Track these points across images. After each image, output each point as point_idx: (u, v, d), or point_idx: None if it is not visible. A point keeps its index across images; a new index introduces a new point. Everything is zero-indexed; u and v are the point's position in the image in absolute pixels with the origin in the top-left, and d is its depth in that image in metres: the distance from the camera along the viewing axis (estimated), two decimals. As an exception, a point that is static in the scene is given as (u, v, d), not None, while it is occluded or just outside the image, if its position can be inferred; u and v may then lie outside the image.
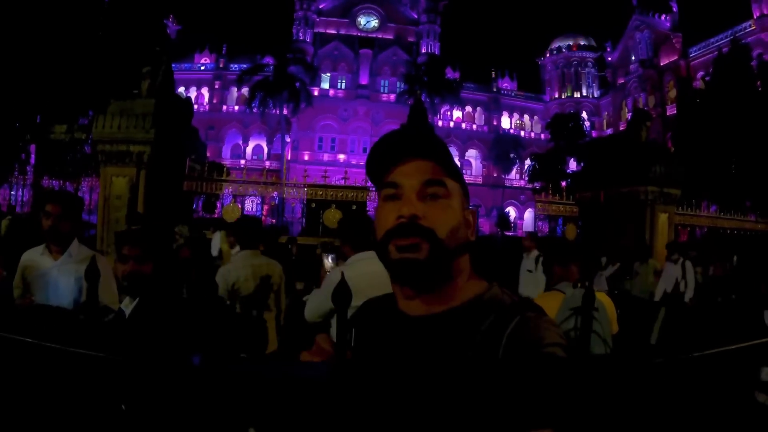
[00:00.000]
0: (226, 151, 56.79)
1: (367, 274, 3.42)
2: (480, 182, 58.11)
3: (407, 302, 1.12)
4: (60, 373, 1.97)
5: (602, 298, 3.30)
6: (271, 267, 4.93)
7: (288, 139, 51.57)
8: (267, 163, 49.81)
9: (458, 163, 1.21)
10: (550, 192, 15.58)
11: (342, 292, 1.25)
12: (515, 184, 59.58)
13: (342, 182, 14.01)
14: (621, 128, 54.38)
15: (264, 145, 57.92)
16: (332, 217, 13.19)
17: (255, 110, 46.87)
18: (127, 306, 2.67)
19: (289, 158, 51.46)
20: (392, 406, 1.03)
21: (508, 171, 59.33)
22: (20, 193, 14.49)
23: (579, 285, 3.25)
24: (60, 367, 1.97)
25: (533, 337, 0.98)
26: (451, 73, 56.28)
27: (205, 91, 59.04)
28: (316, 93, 53.19)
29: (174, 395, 1.86)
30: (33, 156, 16.21)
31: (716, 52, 36.95)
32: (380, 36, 60.30)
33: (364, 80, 59.24)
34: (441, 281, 1.10)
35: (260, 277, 4.75)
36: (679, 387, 2.34)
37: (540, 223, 16.20)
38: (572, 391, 0.94)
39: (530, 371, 0.93)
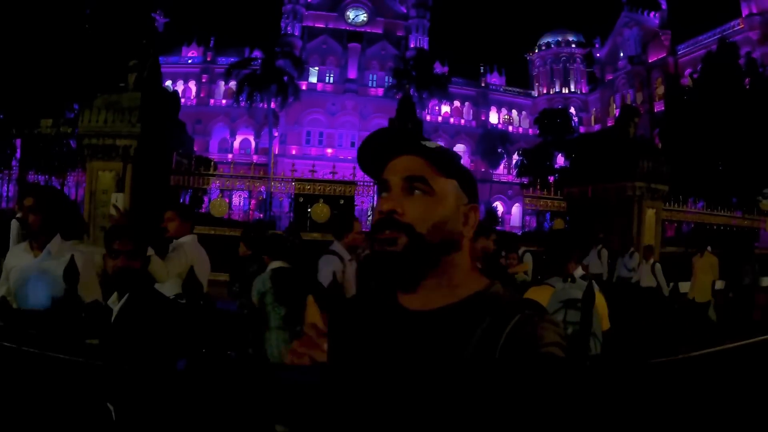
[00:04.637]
0: (213, 145, 56.35)
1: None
2: (468, 177, 57.91)
3: (406, 296, 1.12)
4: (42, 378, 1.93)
5: (593, 293, 3.29)
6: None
7: (275, 134, 51.32)
8: (254, 158, 49.60)
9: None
10: (538, 187, 15.62)
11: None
12: (503, 179, 59.68)
13: (330, 176, 13.96)
14: (609, 124, 54.59)
15: (251, 139, 57.72)
16: (320, 211, 13.13)
17: (242, 104, 46.56)
18: (114, 303, 2.59)
19: (276, 152, 51.22)
20: (386, 405, 1.02)
21: (496, 166, 59.46)
22: (5, 188, 14.30)
23: (569, 279, 3.24)
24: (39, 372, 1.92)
25: (532, 336, 0.98)
26: (439, 68, 56.12)
27: (192, 84, 58.67)
28: (304, 87, 52.91)
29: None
30: (18, 150, 16.03)
31: (704, 50, 37.16)
32: (369, 30, 60.07)
33: (352, 74, 59.05)
34: (423, 276, 1.10)
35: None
36: (678, 386, 2.33)
37: (528, 218, 16.27)
38: (569, 392, 0.94)
39: (528, 371, 0.93)
